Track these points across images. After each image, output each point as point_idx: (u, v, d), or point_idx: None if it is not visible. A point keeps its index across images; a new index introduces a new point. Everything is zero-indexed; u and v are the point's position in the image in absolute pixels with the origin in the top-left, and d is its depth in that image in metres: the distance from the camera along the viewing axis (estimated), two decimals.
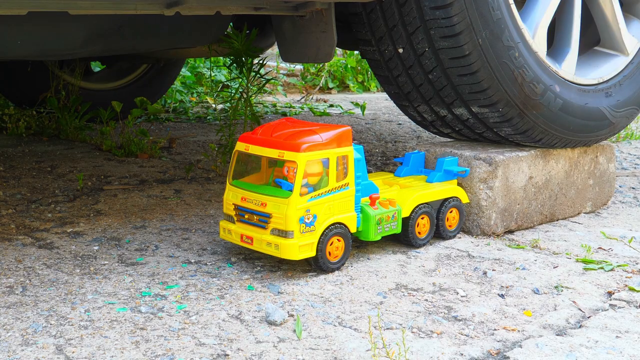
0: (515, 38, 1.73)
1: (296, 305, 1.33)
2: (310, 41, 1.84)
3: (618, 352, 1.18)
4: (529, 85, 1.76)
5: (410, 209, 1.62)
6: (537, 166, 1.85)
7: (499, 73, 1.72)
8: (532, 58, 1.78)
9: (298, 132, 1.46)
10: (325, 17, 1.77)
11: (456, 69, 1.73)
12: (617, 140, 3.27)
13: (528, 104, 1.77)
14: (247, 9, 1.68)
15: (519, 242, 1.76)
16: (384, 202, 1.56)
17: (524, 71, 1.75)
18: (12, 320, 1.24)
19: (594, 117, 1.90)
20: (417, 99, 1.89)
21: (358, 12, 1.82)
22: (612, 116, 1.96)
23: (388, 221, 1.56)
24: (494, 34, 1.69)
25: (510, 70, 1.73)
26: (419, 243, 1.65)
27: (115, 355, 1.12)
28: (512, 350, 1.18)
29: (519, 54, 1.74)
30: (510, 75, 1.73)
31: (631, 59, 2.03)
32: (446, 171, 1.73)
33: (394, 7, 1.74)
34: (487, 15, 1.68)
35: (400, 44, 1.78)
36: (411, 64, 1.79)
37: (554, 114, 1.81)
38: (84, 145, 2.81)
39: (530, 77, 1.76)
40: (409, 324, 1.27)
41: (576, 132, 1.88)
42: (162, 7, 1.53)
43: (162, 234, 1.72)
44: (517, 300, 1.40)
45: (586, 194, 2.00)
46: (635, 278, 1.52)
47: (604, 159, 2.03)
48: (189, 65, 4.52)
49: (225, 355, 1.14)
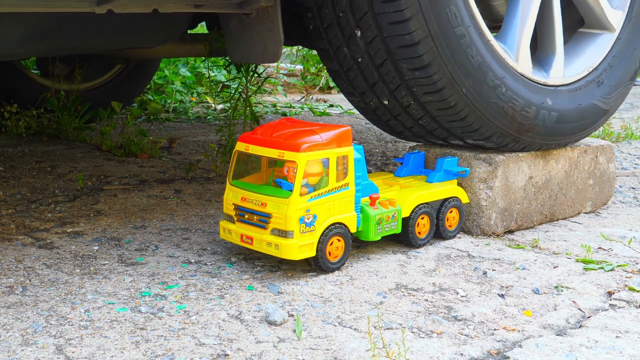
0: (500, 73, 1.70)
1: (296, 305, 1.33)
2: (257, 40, 1.80)
3: (618, 352, 1.18)
4: (521, 113, 1.73)
5: (410, 209, 1.62)
6: (537, 166, 1.85)
7: (488, 113, 1.69)
8: (521, 84, 1.74)
9: (298, 132, 1.46)
10: (271, 15, 1.73)
11: (445, 117, 1.71)
12: (617, 140, 3.27)
13: (522, 130, 1.75)
14: (186, 6, 1.63)
15: (519, 242, 1.76)
16: (384, 202, 1.56)
17: (514, 103, 1.72)
18: (12, 320, 1.24)
19: (589, 114, 1.89)
20: (409, 136, 1.89)
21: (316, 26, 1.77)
22: (606, 104, 1.93)
23: (388, 221, 1.56)
24: (478, 80, 1.66)
25: (500, 107, 1.70)
26: (418, 243, 1.65)
27: (115, 355, 1.12)
28: (512, 350, 1.18)
29: (506, 88, 1.70)
30: (500, 111, 1.70)
31: (618, 35, 1.95)
32: (446, 171, 1.73)
33: (383, 85, 1.73)
34: (468, 64, 1.64)
35: (394, 113, 1.78)
36: (398, 112, 1.78)
37: (549, 129, 1.80)
38: (84, 145, 2.81)
39: (520, 105, 1.73)
40: (409, 324, 1.27)
41: (573, 134, 1.87)
42: (92, 5, 1.48)
43: (162, 234, 1.72)
44: (517, 300, 1.40)
45: (586, 193, 1.99)
46: (635, 278, 1.52)
47: (604, 158, 2.02)
48: (190, 65, 4.52)
49: (225, 355, 1.14)
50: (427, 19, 1.57)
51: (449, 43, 1.60)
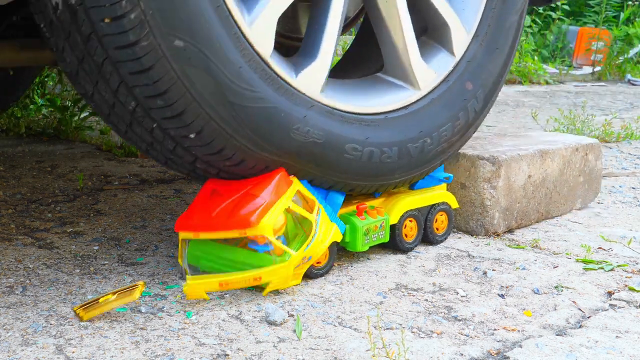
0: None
1: (296, 305, 1.33)
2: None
3: (618, 352, 1.18)
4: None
5: (398, 216, 1.60)
6: (535, 165, 1.85)
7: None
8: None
9: (238, 202, 1.35)
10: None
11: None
12: (617, 140, 3.27)
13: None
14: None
15: (519, 242, 1.76)
16: (371, 211, 1.54)
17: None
18: (12, 320, 1.24)
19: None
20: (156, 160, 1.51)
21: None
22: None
23: (376, 231, 1.53)
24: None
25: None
26: (406, 247, 1.64)
27: (115, 355, 1.12)
28: (512, 350, 1.18)
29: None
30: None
31: (425, 94, 1.60)
32: (430, 176, 1.69)
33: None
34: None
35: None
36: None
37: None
38: (84, 145, 2.81)
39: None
40: (409, 324, 1.27)
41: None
42: None
43: (162, 234, 1.72)
44: (517, 300, 1.40)
45: (577, 191, 2.01)
46: (635, 278, 1.52)
47: (593, 156, 2.05)
48: None
49: (225, 355, 1.14)
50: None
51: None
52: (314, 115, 1.41)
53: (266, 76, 1.34)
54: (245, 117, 1.32)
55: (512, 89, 5.69)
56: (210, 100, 1.27)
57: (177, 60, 1.23)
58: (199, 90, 1.26)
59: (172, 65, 1.23)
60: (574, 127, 3.17)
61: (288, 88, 1.38)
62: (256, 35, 1.32)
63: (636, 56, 7.09)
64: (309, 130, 1.40)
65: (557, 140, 2.01)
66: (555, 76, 6.46)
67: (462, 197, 1.79)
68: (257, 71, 1.32)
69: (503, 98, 4.97)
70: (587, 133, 3.12)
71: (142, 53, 1.21)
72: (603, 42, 6.83)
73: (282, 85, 1.36)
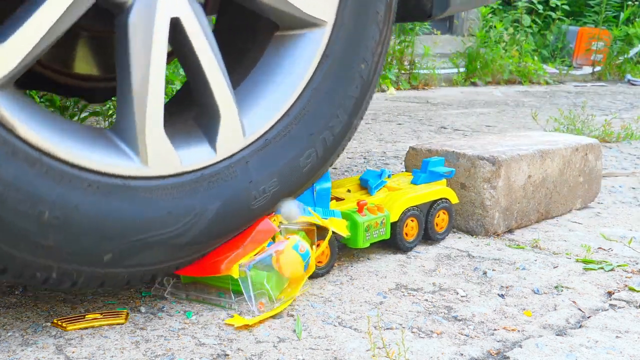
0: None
1: (296, 305, 1.33)
2: None
3: (618, 352, 1.18)
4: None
5: (399, 213, 1.60)
6: (535, 165, 1.85)
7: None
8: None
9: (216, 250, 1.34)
10: None
11: None
12: (617, 140, 3.27)
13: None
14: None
15: (519, 242, 1.76)
16: (371, 208, 1.54)
17: None
18: (12, 320, 1.24)
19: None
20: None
21: None
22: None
23: (377, 227, 1.54)
24: None
25: None
26: (407, 246, 1.64)
27: (115, 355, 1.12)
28: (512, 350, 1.18)
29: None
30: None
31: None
32: (431, 172, 1.70)
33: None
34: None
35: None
36: None
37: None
38: None
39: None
40: (409, 324, 1.27)
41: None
42: None
43: None
44: (517, 300, 1.40)
45: (577, 191, 2.01)
46: (635, 278, 1.52)
47: (593, 156, 2.05)
48: None
49: (225, 355, 1.14)
50: None
51: None
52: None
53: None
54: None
55: (512, 89, 5.69)
56: None
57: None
58: None
59: None
60: (574, 127, 3.18)
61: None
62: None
63: (636, 56, 7.09)
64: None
65: (557, 140, 2.01)
66: (555, 76, 6.47)
67: (462, 197, 1.79)
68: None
69: (503, 98, 4.97)
70: (587, 133, 3.12)
71: None
72: (603, 42, 6.84)
73: None
